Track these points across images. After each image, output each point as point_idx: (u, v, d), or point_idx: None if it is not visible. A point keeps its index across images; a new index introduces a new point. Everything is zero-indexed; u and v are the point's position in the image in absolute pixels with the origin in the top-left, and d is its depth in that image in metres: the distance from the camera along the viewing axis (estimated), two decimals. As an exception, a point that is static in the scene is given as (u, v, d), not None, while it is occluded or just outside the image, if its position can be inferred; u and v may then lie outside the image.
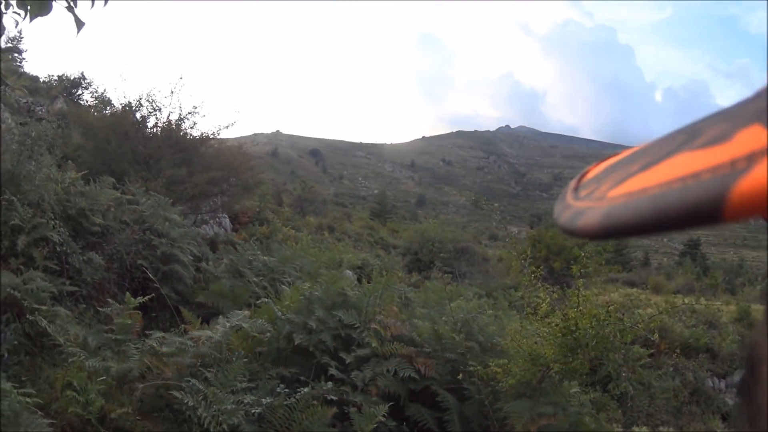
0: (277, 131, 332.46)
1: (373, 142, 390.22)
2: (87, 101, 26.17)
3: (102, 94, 22.49)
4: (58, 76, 33.78)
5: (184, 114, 17.20)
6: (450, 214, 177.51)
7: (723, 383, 20.87)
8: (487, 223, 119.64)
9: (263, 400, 5.77)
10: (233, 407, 5.45)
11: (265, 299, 8.88)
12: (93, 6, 4.40)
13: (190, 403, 5.37)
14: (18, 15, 4.28)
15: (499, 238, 75.91)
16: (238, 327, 7.14)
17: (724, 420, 18.64)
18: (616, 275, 41.01)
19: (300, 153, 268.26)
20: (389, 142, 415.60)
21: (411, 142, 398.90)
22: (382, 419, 6.11)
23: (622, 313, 7.84)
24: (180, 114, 17.18)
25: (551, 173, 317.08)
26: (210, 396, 5.49)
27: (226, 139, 19.31)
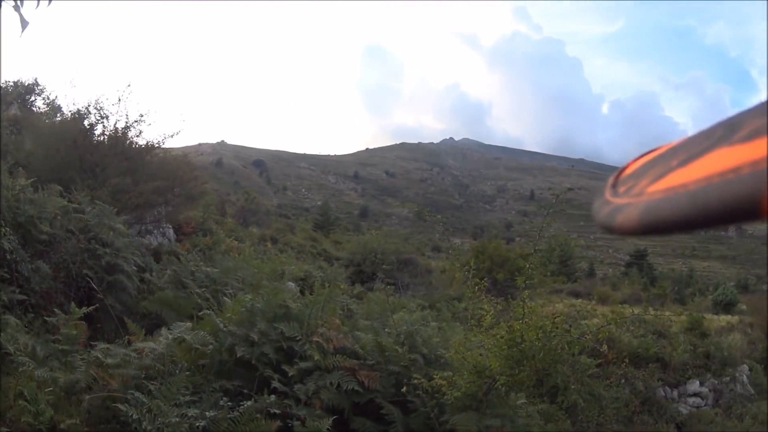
0: (222, 141, 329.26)
1: (317, 153, 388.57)
2: (39, 108, 25.89)
3: (53, 101, 22.36)
4: (13, 81, 33.42)
5: (130, 122, 17.04)
6: (393, 225, 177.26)
7: (675, 392, 21.18)
8: (430, 235, 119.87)
9: (207, 413, 5.73)
10: (177, 420, 5.45)
11: (208, 311, 8.78)
12: (38, 6, 4.46)
13: (134, 416, 5.36)
14: None
15: (443, 249, 76.21)
16: (180, 339, 7.10)
17: (678, 429, 18.96)
18: (561, 286, 41.12)
19: (244, 163, 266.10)
20: (333, 153, 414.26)
21: (355, 153, 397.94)
22: (326, 433, 6.09)
23: (569, 325, 7.96)
24: (126, 122, 17.01)
25: (495, 185, 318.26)
26: (154, 409, 5.50)
27: (171, 149, 19.19)
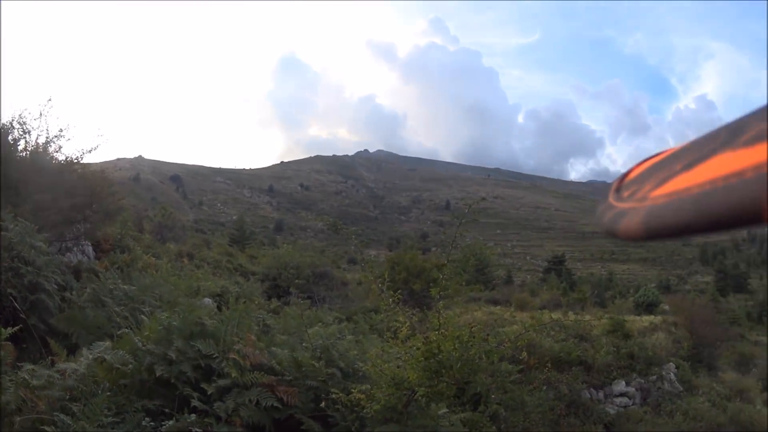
0: (140, 156, 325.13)
1: (233, 167, 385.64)
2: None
3: (-24, 116, 22.07)
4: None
5: (51, 137, 16.81)
6: (308, 239, 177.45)
7: (601, 393, 21.55)
8: (346, 248, 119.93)
9: None
10: None
11: (126, 329, 8.69)
12: None
13: None
14: None
15: (358, 261, 76.28)
16: (101, 359, 7.07)
17: (607, 429, 19.34)
18: (478, 294, 40.91)
19: (161, 178, 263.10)
20: (248, 167, 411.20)
21: (270, 167, 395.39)
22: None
23: (486, 333, 7.95)
24: (47, 137, 16.77)
25: (410, 196, 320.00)
26: (78, 430, 5.54)
27: (89, 164, 19.07)
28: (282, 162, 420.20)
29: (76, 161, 17.20)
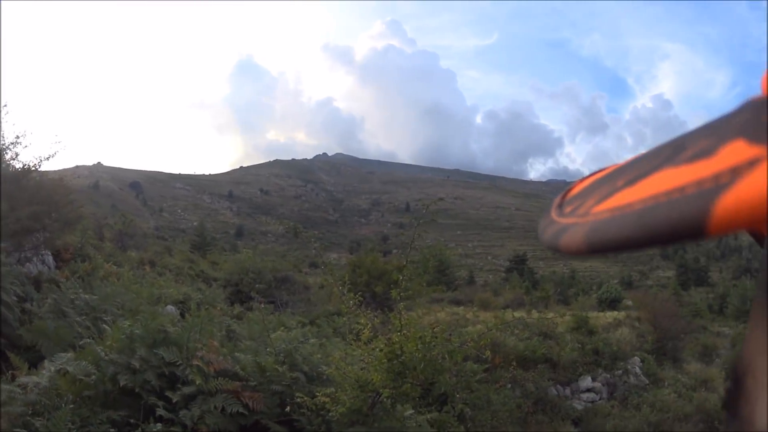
0: (99, 163, 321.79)
1: (192, 173, 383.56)
2: None
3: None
4: None
5: (6, 144, 16.62)
6: (269, 243, 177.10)
7: (568, 390, 21.68)
8: (307, 252, 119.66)
9: None
10: None
11: (88, 340, 8.58)
12: None
13: None
14: None
15: (319, 265, 76.29)
16: (64, 370, 6.95)
17: (575, 424, 19.42)
18: (441, 295, 41.07)
19: (121, 185, 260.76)
20: (207, 172, 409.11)
21: (229, 172, 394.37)
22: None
23: (449, 334, 8.00)
24: (2, 144, 16.57)
25: (369, 199, 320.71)
26: None
27: (47, 172, 18.92)
28: (241, 167, 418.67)
29: (33, 169, 17.02)
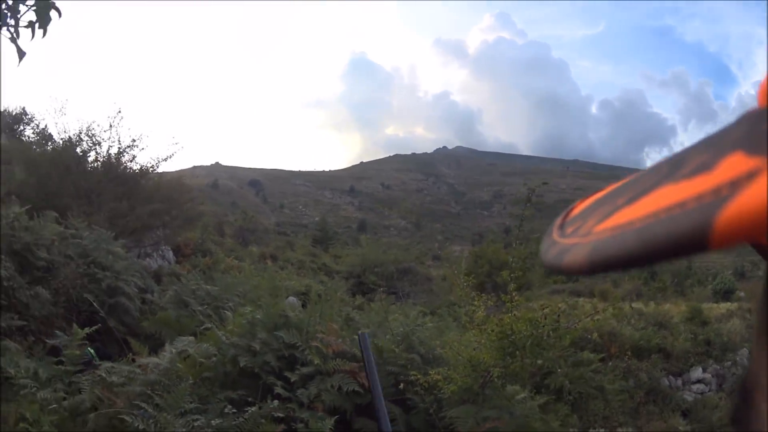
0: (217, 163, 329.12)
1: (312, 169, 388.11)
2: (29, 137, 25.96)
3: (43, 129, 22.47)
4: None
5: (123, 148, 17.27)
6: (392, 236, 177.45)
7: (680, 381, 21.26)
8: (430, 245, 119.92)
9: (213, 421, 5.74)
10: (184, 430, 5.48)
11: (210, 325, 8.86)
12: (33, 37, 4.51)
13: (140, 427, 5.38)
14: None
15: (442, 257, 76.34)
16: (185, 353, 7.13)
17: (684, 416, 18.98)
18: (561, 286, 41.44)
19: (240, 184, 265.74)
20: (327, 168, 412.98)
21: (349, 167, 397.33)
22: (329, 433, 6.13)
23: (557, 315, 7.93)
24: (119, 148, 17.24)
25: (491, 191, 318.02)
26: (161, 420, 5.50)
27: (165, 172, 19.31)
28: (361, 162, 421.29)
29: (151, 170, 17.39)
